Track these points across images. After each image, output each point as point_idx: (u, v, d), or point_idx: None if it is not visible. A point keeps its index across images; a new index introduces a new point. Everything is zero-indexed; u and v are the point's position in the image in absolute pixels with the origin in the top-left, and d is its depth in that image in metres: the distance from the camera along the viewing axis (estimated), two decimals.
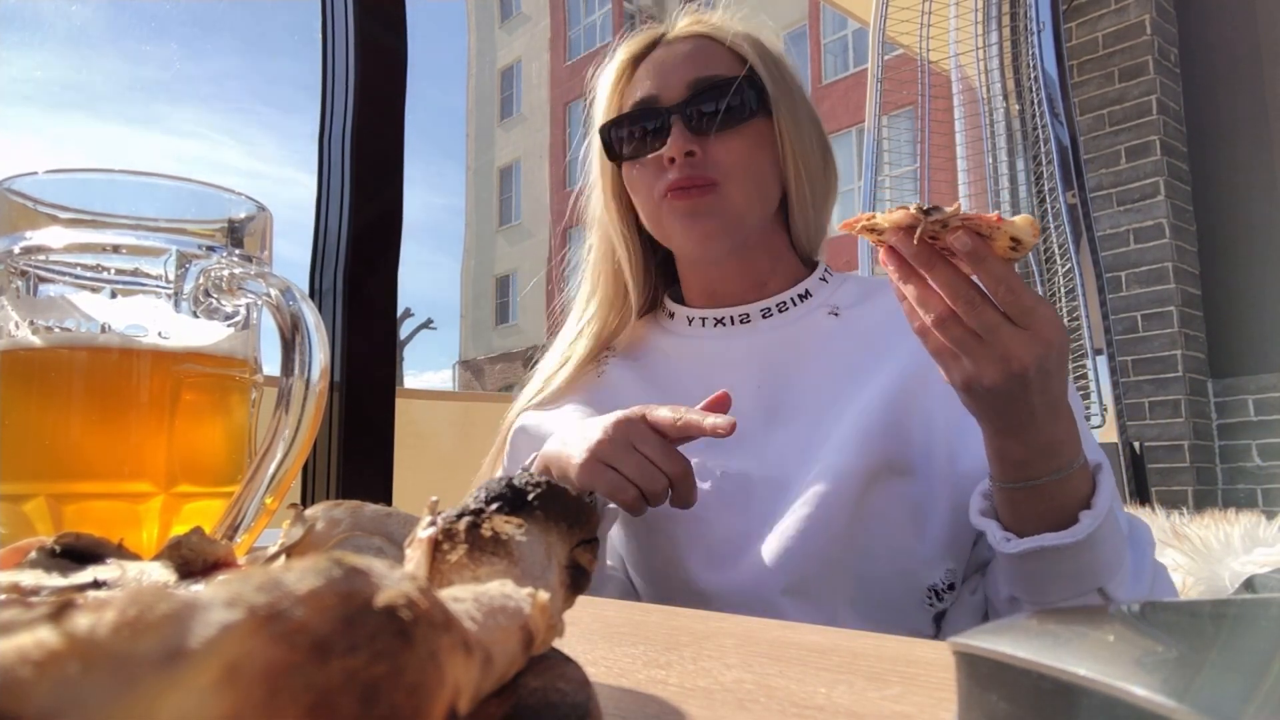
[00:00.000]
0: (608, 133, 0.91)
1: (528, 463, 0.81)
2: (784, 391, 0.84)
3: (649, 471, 0.69)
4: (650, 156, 0.87)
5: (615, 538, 0.86)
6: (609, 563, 0.87)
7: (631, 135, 0.89)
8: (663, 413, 0.71)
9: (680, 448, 0.73)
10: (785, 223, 0.92)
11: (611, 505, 0.72)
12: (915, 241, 0.58)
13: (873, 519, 0.76)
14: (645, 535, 0.82)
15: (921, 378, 0.77)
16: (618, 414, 0.73)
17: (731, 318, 0.90)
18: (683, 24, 0.93)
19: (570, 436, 0.74)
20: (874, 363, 0.82)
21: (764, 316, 0.89)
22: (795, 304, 0.89)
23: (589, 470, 0.70)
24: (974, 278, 0.59)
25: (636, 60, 0.92)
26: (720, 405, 0.72)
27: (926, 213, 0.57)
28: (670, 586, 0.81)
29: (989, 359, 0.60)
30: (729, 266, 0.90)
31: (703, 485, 0.79)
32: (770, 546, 0.76)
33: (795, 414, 0.82)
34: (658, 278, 0.98)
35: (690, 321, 0.92)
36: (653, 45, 0.92)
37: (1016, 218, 0.57)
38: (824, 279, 0.92)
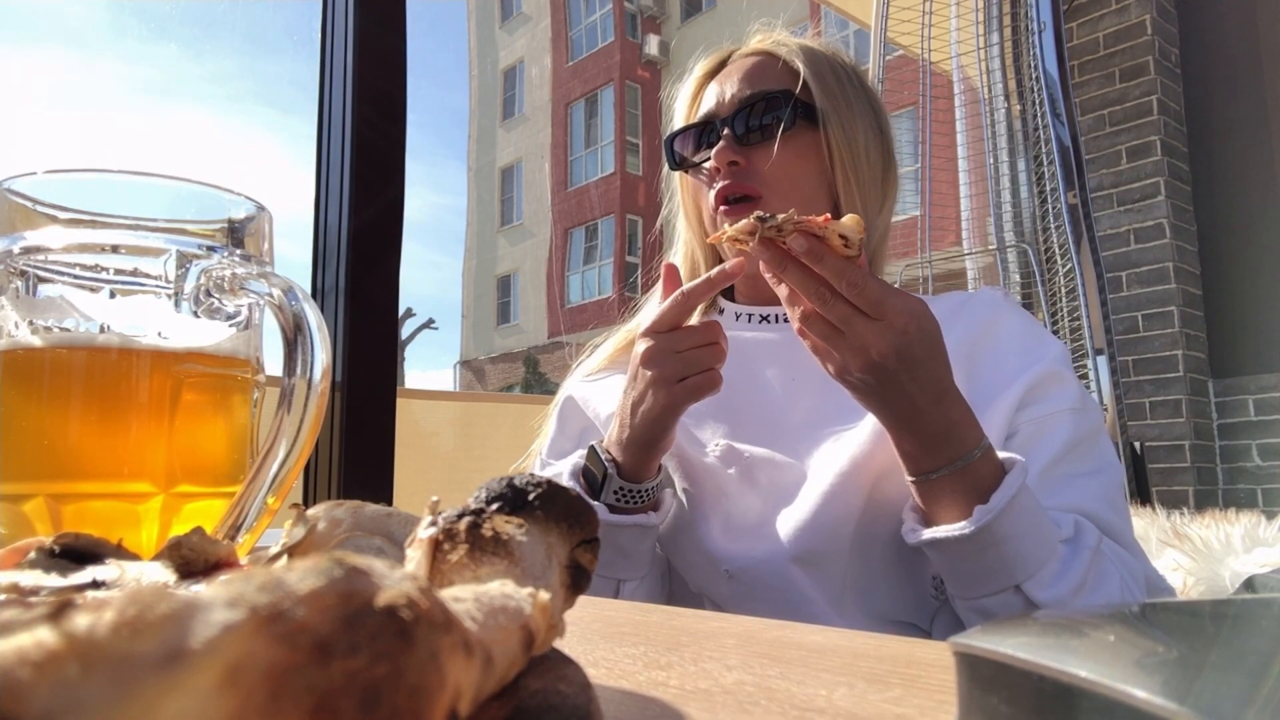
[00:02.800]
0: (670, 143, 0.96)
1: (596, 443, 0.84)
2: (815, 390, 0.86)
3: (699, 357, 0.73)
4: (700, 165, 0.92)
5: None
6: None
7: (687, 146, 0.94)
8: (660, 313, 0.75)
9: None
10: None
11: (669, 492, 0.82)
12: (755, 244, 0.65)
13: (882, 509, 0.78)
14: (676, 513, 0.86)
15: None
16: (635, 352, 0.77)
17: (775, 316, 0.94)
18: (751, 43, 0.97)
19: (626, 404, 0.78)
20: None
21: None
22: None
23: (668, 397, 0.74)
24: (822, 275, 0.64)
25: (709, 76, 0.97)
26: (670, 275, 0.80)
27: (762, 220, 0.64)
28: (695, 560, 0.84)
29: (849, 350, 0.65)
30: None
31: (727, 469, 0.84)
32: (785, 522, 0.80)
33: (822, 411, 0.85)
34: None
35: (737, 317, 0.96)
36: (722, 63, 0.97)
37: (844, 218, 0.64)
38: None
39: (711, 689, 0.30)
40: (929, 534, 0.68)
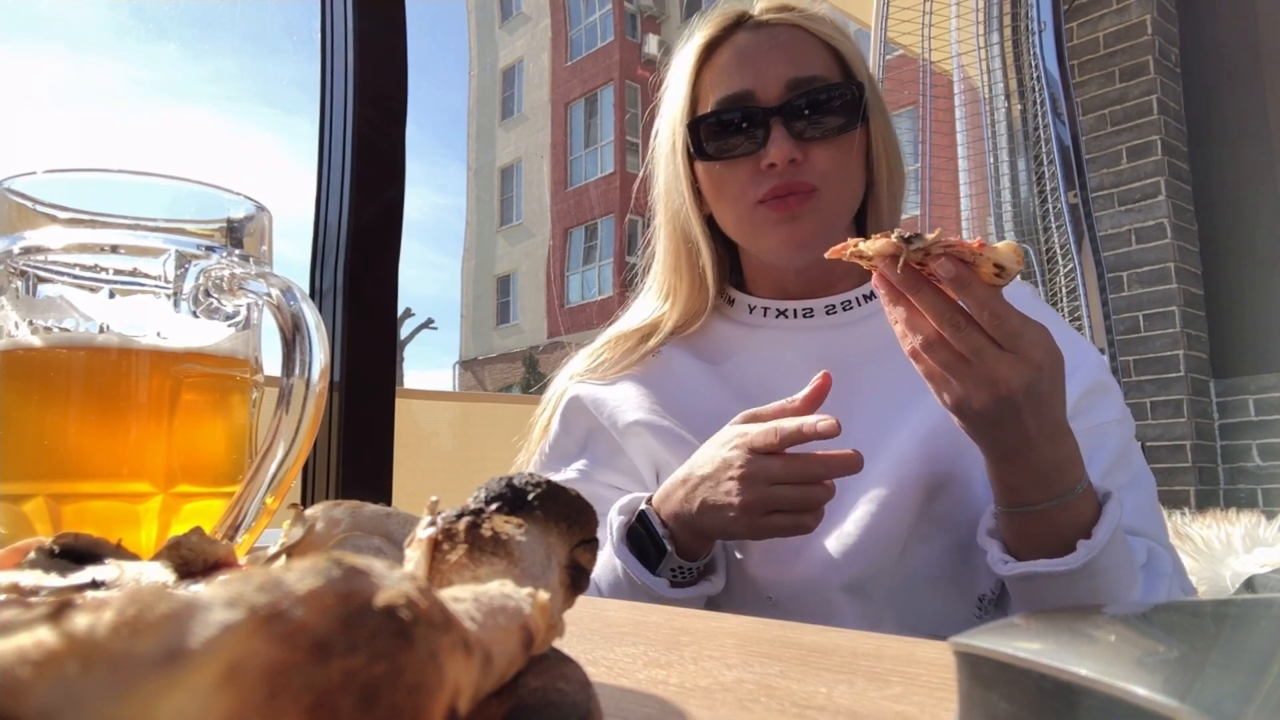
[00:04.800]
0: (695, 129, 0.85)
1: (627, 503, 0.78)
2: (844, 389, 0.82)
3: (796, 498, 0.68)
4: (746, 158, 0.83)
5: None
6: None
7: (723, 133, 0.84)
8: (764, 433, 0.69)
9: None
10: (857, 222, 0.91)
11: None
12: (899, 268, 0.59)
13: (933, 526, 0.75)
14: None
15: None
16: (726, 456, 0.70)
17: (795, 310, 0.88)
18: (765, 4, 0.88)
19: (698, 495, 0.71)
20: None
21: (828, 313, 0.87)
22: (860, 303, 0.87)
23: (749, 528, 0.69)
24: (960, 303, 0.59)
25: (715, 43, 0.86)
26: (822, 392, 0.71)
27: (907, 241, 0.58)
28: (734, 588, 0.79)
29: (976, 382, 0.60)
30: (807, 268, 0.88)
31: None
32: (831, 546, 0.76)
33: (855, 414, 0.80)
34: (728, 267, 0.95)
35: (751, 310, 0.90)
36: (734, 27, 0.87)
37: (1000, 244, 0.58)
38: None
39: (711, 687, 0.30)
40: (1027, 567, 0.65)
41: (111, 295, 0.42)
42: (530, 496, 0.24)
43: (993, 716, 0.20)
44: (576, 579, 0.24)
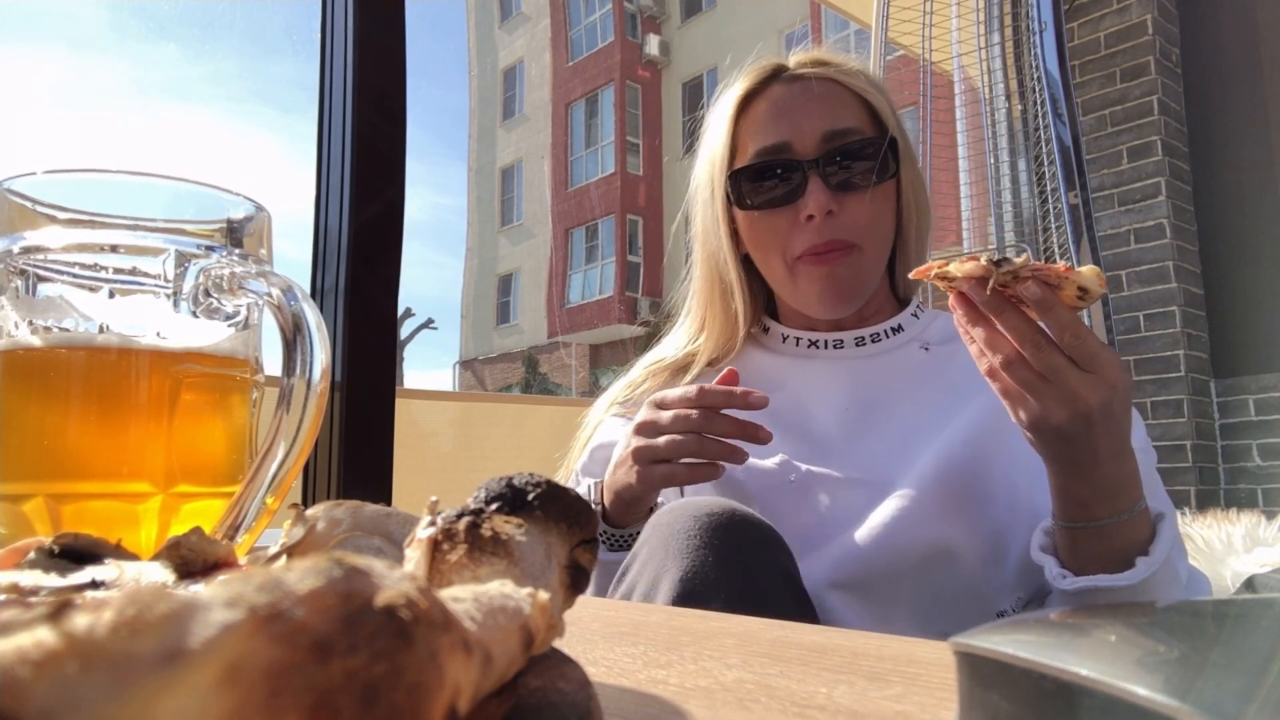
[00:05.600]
0: (736, 180, 0.89)
1: (592, 495, 0.82)
2: (870, 416, 0.85)
3: (682, 447, 0.71)
4: (785, 208, 0.86)
5: None
6: None
7: (761, 183, 0.87)
8: (672, 393, 0.73)
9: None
10: (888, 261, 0.94)
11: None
12: (988, 290, 0.61)
13: (953, 545, 0.77)
14: None
15: (1006, 415, 0.78)
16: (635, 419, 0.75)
17: (826, 341, 0.91)
18: (801, 58, 0.91)
19: (613, 459, 0.77)
20: (960, 398, 0.83)
21: (857, 344, 0.91)
22: (888, 336, 0.91)
23: (640, 476, 0.73)
24: (1041, 324, 0.62)
25: (753, 94, 0.90)
26: (730, 381, 0.74)
27: (997, 264, 0.61)
28: None
29: (1056, 400, 0.62)
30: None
31: (781, 479, 0.82)
32: (847, 561, 0.77)
33: (879, 439, 0.83)
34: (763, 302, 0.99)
35: (784, 339, 0.94)
36: (770, 79, 0.90)
37: (1084, 268, 0.60)
38: (915, 314, 0.94)
39: (711, 687, 0.30)
40: (1088, 582, 0.67)
41: (111, 295, 0.42)
42: (530, 496, 0.24)
43: (993, 716, 0.20)
44: (576, 579, 0.24)
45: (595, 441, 0.94)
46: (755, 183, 0.87)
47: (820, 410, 0.84)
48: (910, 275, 0.69)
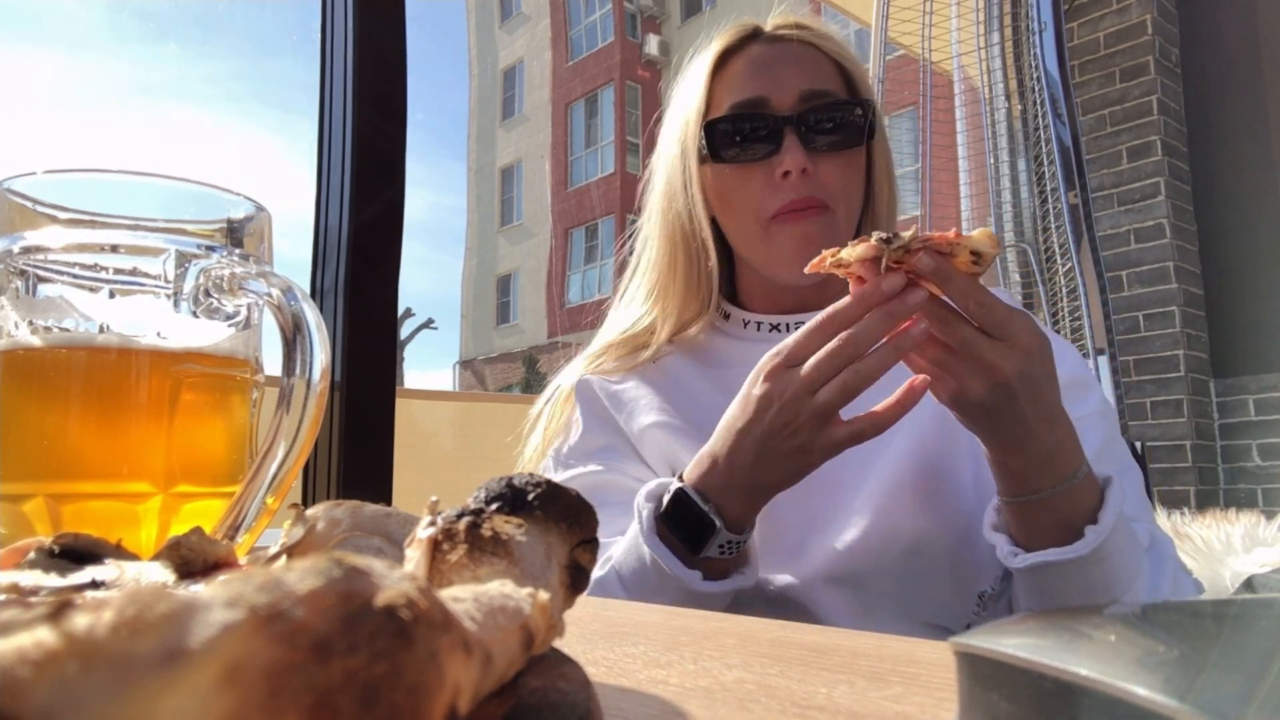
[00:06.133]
0: (711, 129, 0.85)
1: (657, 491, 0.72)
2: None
3: (842, 381, 0.61)
4: (760, 164, 0.83)
5: None
6: None
7: (737, 137, 0.84)
8: (799, 339, 0.64)
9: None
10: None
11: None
12: (882, 270, 0.59)
13: (930, 528, 0.76)
14: None
15: None
16: (760, 392, 0.64)
17: (789, 325, 0.88)
18: (779, 20, 0.90)
19: (745, 447, 0.65)
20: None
21: None
22: None
23: (824, 447, 0.63)
24: (945, 298, 0.60)
25: (730, 52, 0.88)
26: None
27: (887, 241, 0.59)
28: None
29: (970, 373, 0.60)
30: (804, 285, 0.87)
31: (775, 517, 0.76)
32: (830, 552, 0.76)
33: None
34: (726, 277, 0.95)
35: (745, 324, 0.91)
36: (749, 39, 0.89)
37: (974, 232, 0.59)
38: None
39: (711, 687, 0.30)
40: (1038, 558, 0.65)
41: (111, 295, 0.42)
42: (530, 496, 0.24)
43: (993, 717, 0.20)
44: (576, 579, 0.24)
45: (603, 421, 0.88)
46: (730, 135, 0.84)
47: None
48: (805, 270, 0.64)
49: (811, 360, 0.62)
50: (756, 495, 0.67)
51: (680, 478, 0.71)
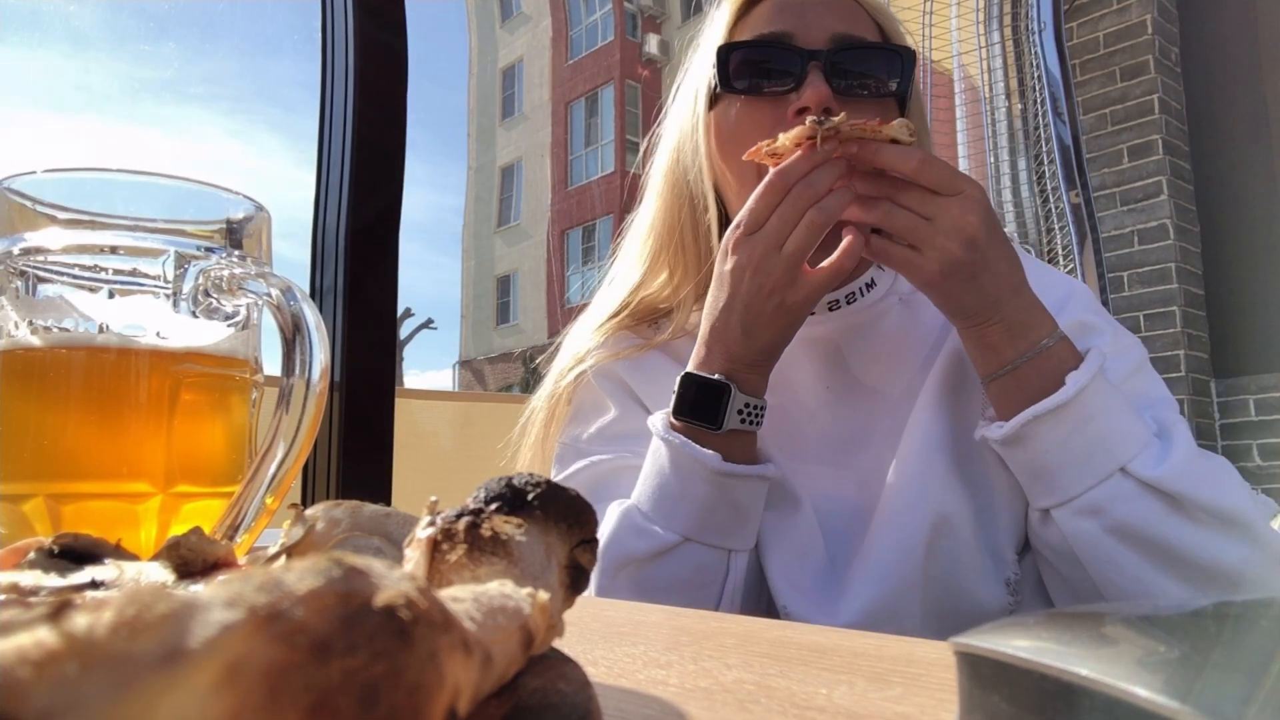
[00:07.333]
0: (725, 55, 0.76)
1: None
2: (850, 379, 0.79)
3: (808, 223, 0.64)
4: (775, 99, 0.75)
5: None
6: None
7: (754, 67, 0.76)
8: (751, 208, 0.66)
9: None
10: None
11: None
12: (819, 144, 0.63)
13: (954, 510, 0.72)
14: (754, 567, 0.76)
15: (969, 367, 0.74)
16: (728, 268, 0.67)
17: None
18: None
19: (733, 318, 0.67)
20: (932, 349, 0.79)
21: (830, 309, 0.81)
22: (862, 294, 0.82)
23: (805, 291, 0.66)
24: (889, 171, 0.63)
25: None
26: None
27: (819, 122, 0.62)
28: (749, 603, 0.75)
29: (944, 234, 0.61)
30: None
31: (791, 515, 0.75)
32: (861, 581, 0.72)
33: (870, 408, 0.78)
34: None
35: None
36: None
37: (894, 121, 0.63)
38: (881, 266, 0.83)
39: (711, 687, 0.30)
40: (1020, 418, 0.64)
41: (111, 295, 0.42)
42: (530, 496, 0.24)
43: (993, 717, 0.20)
44: (576, 579, 0.24)
45: (629, 404, 0.84)
46: (747, 65, 0.76)
47: (803, 380, 0.77)
48: (744, 157, 0.66)
49: (775, 213, 0.65)
50: (757, 365, 0.69)
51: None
